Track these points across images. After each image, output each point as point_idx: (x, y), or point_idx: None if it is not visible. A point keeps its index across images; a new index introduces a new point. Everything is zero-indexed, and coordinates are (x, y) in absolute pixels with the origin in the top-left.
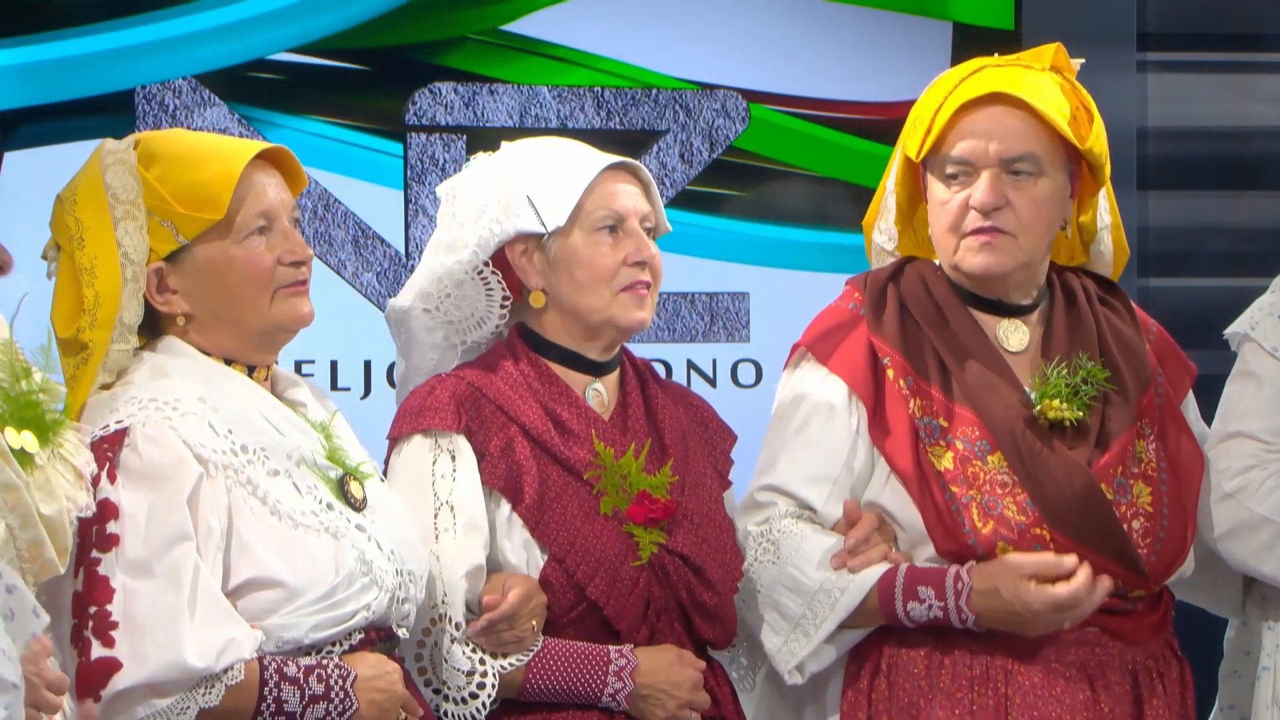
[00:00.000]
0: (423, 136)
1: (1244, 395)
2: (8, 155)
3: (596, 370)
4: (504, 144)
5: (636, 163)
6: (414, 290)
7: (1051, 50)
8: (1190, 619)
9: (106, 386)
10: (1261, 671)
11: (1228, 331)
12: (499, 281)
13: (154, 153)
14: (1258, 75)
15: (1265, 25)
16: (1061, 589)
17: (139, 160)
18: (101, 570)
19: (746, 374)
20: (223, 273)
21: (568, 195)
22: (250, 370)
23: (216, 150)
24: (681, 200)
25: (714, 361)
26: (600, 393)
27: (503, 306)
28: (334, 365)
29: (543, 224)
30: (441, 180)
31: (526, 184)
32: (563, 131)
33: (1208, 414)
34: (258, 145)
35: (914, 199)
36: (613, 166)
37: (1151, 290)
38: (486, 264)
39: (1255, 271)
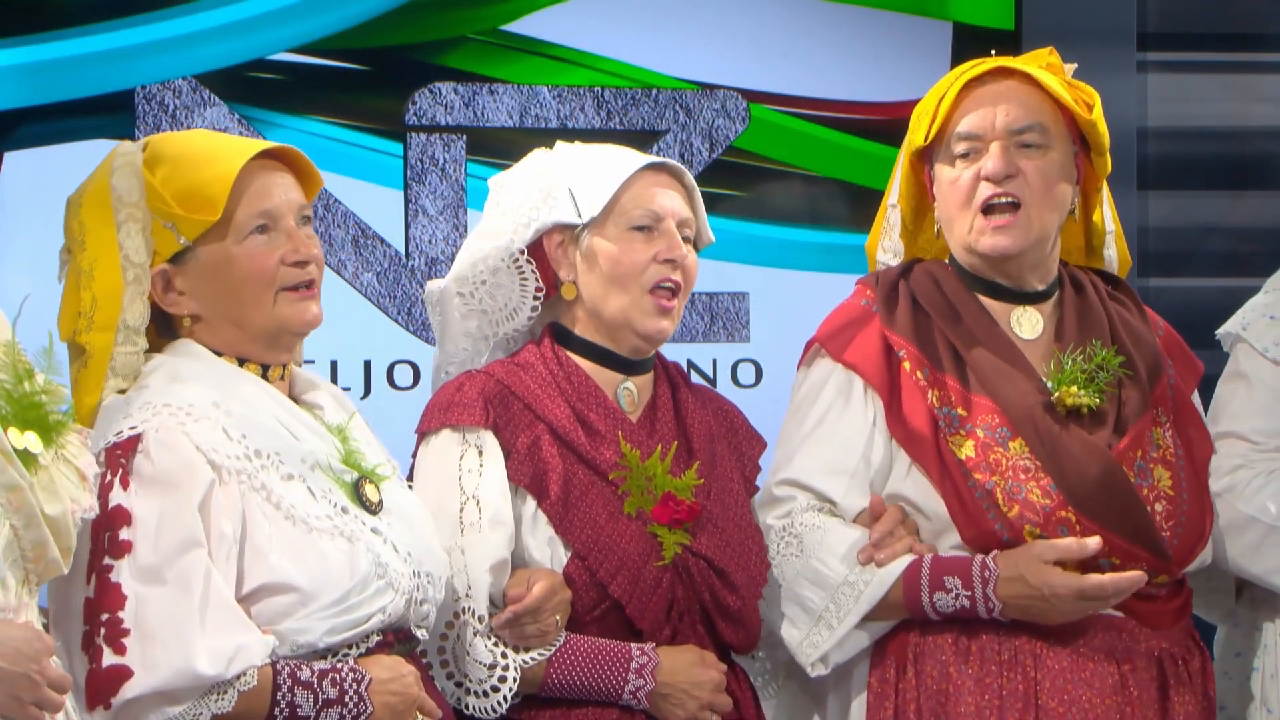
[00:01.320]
0: (423, 136)
1: (1235, 396)
2: (8, 155)
3: (628, 368)
4: (559, 142)
5: (681, 167)
6: (451, 273)
7: (1045, 53)
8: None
9: (122, 391)
10: (1251, 672)
11: (1219, 332)
12: (533, 271)
13: (159, 155)
14: (1258, 75)
15: (1265, 25)
16: (1090, 578)
17: (145, 163)
18: (114, 577)
19: (746, 374)
20: (225, 273)
21: (604, 188)
22: (265, 370)
23: (219, 151)
24: None
25: (714, 361)
26: (632, 391)
27: (535, 298)
28: (334, 365)
29: (579, 215)
30: (441, 180)
31: (569, 177)
32: (563, 131)
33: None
34: (261, 145)
35: (920, 211)
36: (658, 169)
37: (1151, 290)
38: (522, 252)
39: (1255, 271)
